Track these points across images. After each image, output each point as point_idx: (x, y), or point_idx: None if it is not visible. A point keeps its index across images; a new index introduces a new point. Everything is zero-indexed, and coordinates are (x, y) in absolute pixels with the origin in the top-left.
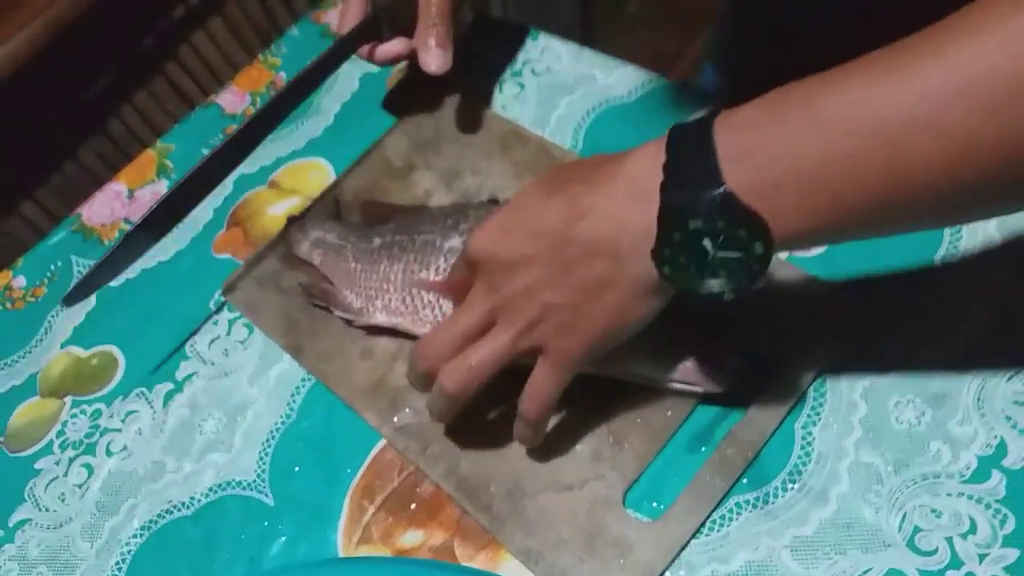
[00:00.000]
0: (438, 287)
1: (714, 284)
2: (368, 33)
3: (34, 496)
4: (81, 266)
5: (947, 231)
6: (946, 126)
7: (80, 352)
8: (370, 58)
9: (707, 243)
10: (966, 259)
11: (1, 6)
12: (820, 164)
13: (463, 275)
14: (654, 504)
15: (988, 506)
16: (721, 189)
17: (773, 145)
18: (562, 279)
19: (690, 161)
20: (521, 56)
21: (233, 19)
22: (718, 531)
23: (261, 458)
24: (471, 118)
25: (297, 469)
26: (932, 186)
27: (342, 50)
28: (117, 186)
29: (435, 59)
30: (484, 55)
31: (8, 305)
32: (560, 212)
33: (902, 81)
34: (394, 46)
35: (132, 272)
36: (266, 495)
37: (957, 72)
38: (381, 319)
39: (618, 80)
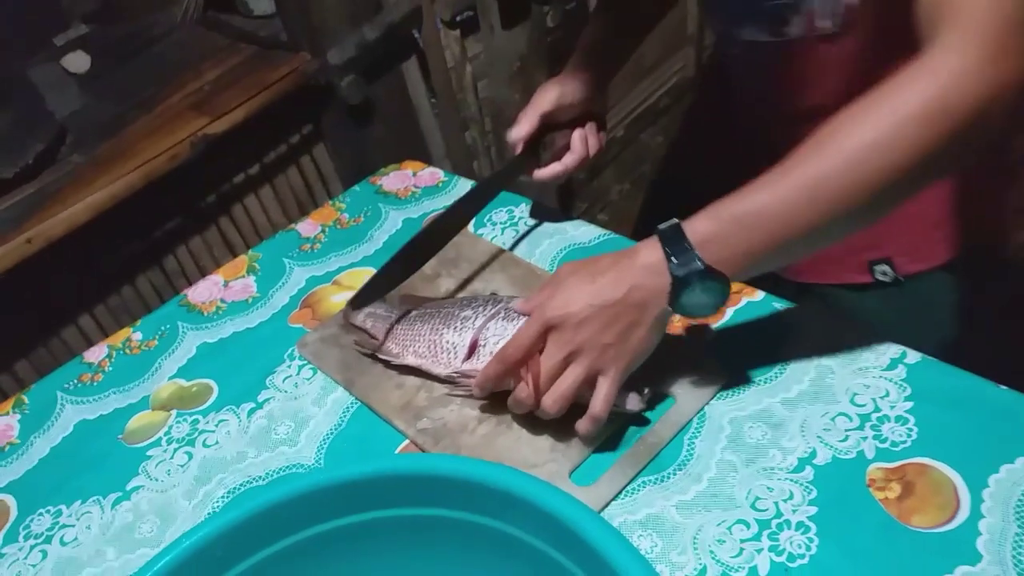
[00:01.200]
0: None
1: (702, 311)
2: (530, 158)
3: (146, 471)
4: (185, 329)
5: (790, 331)
6: (806, 208)
7: (183, 382)
8: (529, 175)
9: (698, 290)
10: (803, 346)
11: (113, 155)
12: (747, 243)
13: (532, 334)
14: (589, 481)
15: (801, 484)
16: (699, 264)
17: (720, 237)
18: (612, 327)
19: (679, 251)
20: (517, 213)
21: (280, 189)
22: (630, 497)
23: (319, 450)
24: (480, 248)
25: (345, 458)
26: (807, 241)
27: (514, 168)
28: (215, 277)
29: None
30: (493, 212)
31: (127, 351)
32: (609, 287)
33: (778, 189)
34: (553, 169)
35: (225, 333)
36: None
37: (804, 178)
38: (411, 360)
39: (581, 232)
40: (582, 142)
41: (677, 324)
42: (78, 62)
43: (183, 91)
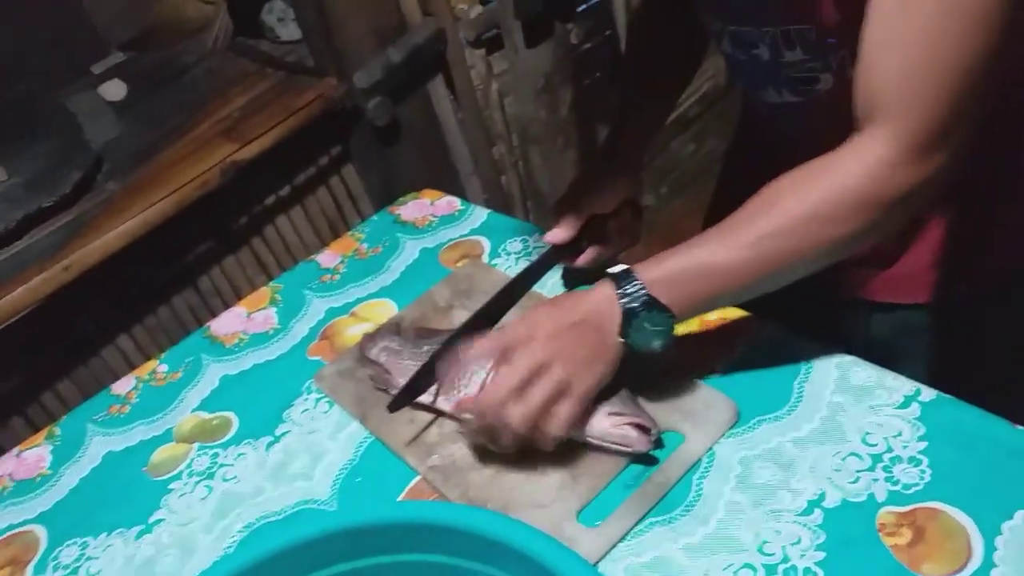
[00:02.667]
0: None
1: (649, 342)
2: (572, 246)
3: (168, 504)
4: (208, 361)
5: (802, 367)
6: (748, 264)
7: (205, 415)
8: (569, 262)
9: (646, 324)
10: (814, 383)
11: (146, 183)
12: (690, 290)
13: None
14: (596, 521)
15: (810, 528)
16: (646, 297)
17: (666, 282)
18: (579, 344)
19: (628, 286)
20: (531, 243)
21: (310, 209)
22: (636, 538)
23: (333, 485)
24: (493, 279)
25: (358, 493)
26: (747, 291)
27: (553, 257)
28: (239, 309)
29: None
30: (508, 242)
31: (153, 383)
32: (568, 310)
33: (723, 245)
34: (591, 254)
35: (246, 365)
36: (333, 508)
37: (748, 237)
38: (422, 398)
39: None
40: (619, 233)
41: (687, 358)
42: (114, 90)
43: (213, 118)
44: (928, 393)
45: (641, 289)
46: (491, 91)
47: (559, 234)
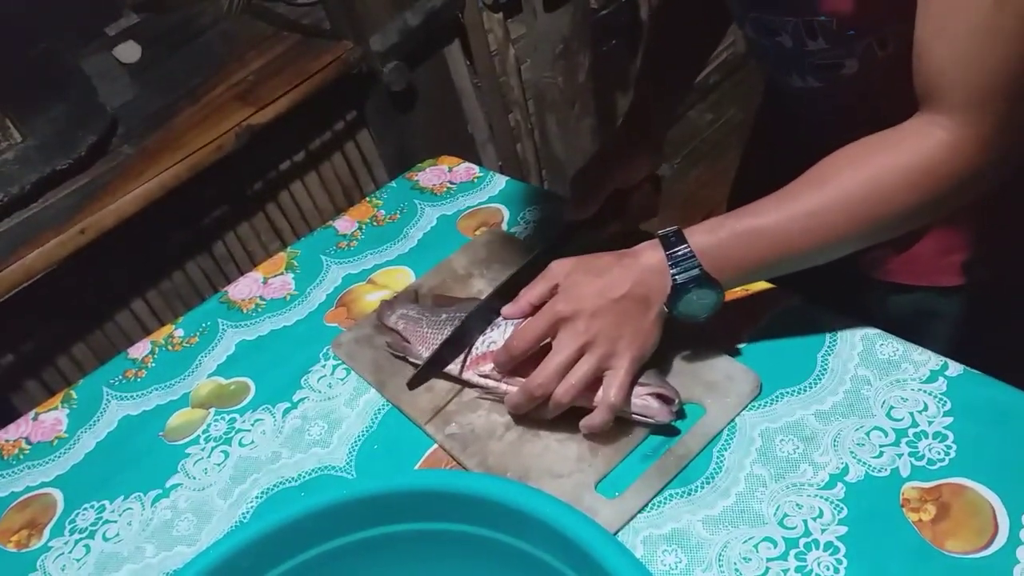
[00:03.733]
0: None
1: (696, 314)
2: (593, 221)
3: (185, 469)
4: (225, 326)
5: (826, 340)
6: (800, 235)
7: (222, 380)
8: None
9: (694, 296)
10: (839, 356)
11: (162, 147)
12: (741, 259)
13: (542, 326)
14: (615, 492)
15: (832, 502)
16: (697, 271)
17: (718, 248)
18: (623, 320)
19: (679, 257)
20: (549, 211)
21: (325, 175)
22: (656, 510)
23: (350, 453)
24: (513, 248)
25: (375, 461)
26: (796, 262)
27: (573, 233)
28: (255, 275)
29: None
30: (526, 211)
31: (169, 348)
32: (615, 282)
33: (778, 215)
34: (613, 228)
35: (263, 331)
36: (351, 475)
37: (803, 208)
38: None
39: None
40: (639, 208)
41: (710, 329)
42: (129, 52)
43: (228, 81)
44: (955, 368)
45: (693, 261)
46: (508, 56)
47: (581, 211)
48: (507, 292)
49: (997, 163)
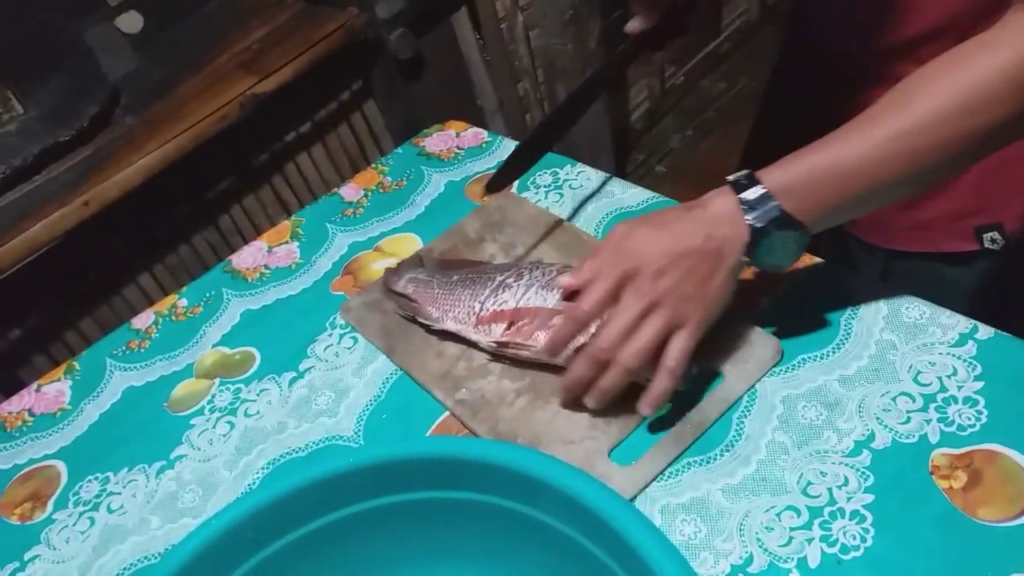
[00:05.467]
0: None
1: (779, 261)
2: (652, 39)
3: (190, 440)
4: (229, 296)
5: (849, 304)
6: (886, 164)
7: (226, 350)
8: (648, 56)
9: (776, 240)
10: (863, 320)
11: (165, 117)
12: (823, 196)
13: (608, 287)
14: (629, 460)
15: (857, 469)
16: (777, 212)
17: (798, 186)
18: (691, 277)
19: (755, 200)
20: (563, 175)
21: (331, 146)
22: (673, 479)
23: (358, 422)
24: (526, 212)
25: (383, 430)
26: (884, 195)
27: (632, 51)
28: (260, 243)
29: None
30: (537, 175)
31: (173, 318)
32: (683, 236)
33: (860, 142)
34: (669, 52)
35: (268, 300)
36: (359, 444)
37: (888, 131)
38: (451, 326)
39: (629, 196)
40: (698, 26)
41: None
42: (131, 22)
43: (232, 50)
44: (985, 331)
45: (771, 201)
46: (517, 24)
47: (638, 23)
48: (555, 123)
49: None
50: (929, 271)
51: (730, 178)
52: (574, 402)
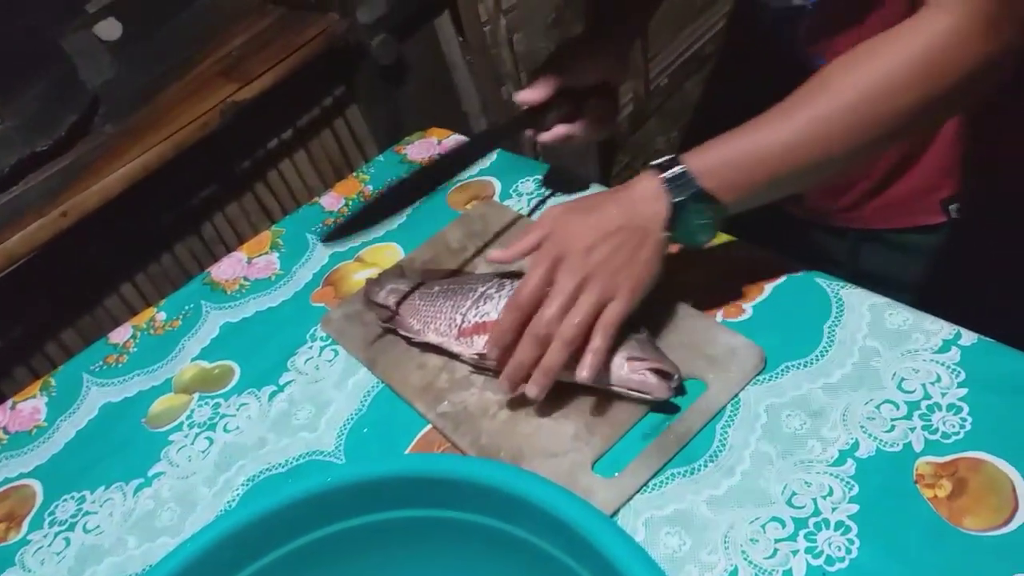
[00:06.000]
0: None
1: (699, 235)
2: (535, 118)
3: (168, 457)
4: (208, 308)
5: (832, 310)
6: (806, 147)
7: (205, 364)
8: (535, 136)
9: (693, 215)
10: (846, 327)
11: (145, 125)
12: (742, 175)
13: (542, 273)
14: (612, 472)
15: (842, 479)
16: (695, 187)
17: (718, 167)
18: (620, 251)
19: (675, 178)
20: (544, 185)
21: (314, 153)
22: (657, 490)
23: (339, 436)
24: (507, 218)
25: (364, 445)
26: (802, 178)
27: (522, 121)
28: (239, 254)
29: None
30: (520, 182)
31: (151, 332)
32: (608, 216)
33: (779, 127)
34: (561, 130)
35: (248, 312)
36: (339, 460)
37: (804, 117)
38: (432, 338)
39: None
40: (592, 115)
41: (711, 302)
42: (110, 29)
43: (212, 57)
44: (968, 337)
45: (688, 178)
46: (499, 27)
47: (530, 94)
48: (432, 173)
49: (1002, 49)
50: (898, 242)
51: (653, 162)
52: (513, 389)
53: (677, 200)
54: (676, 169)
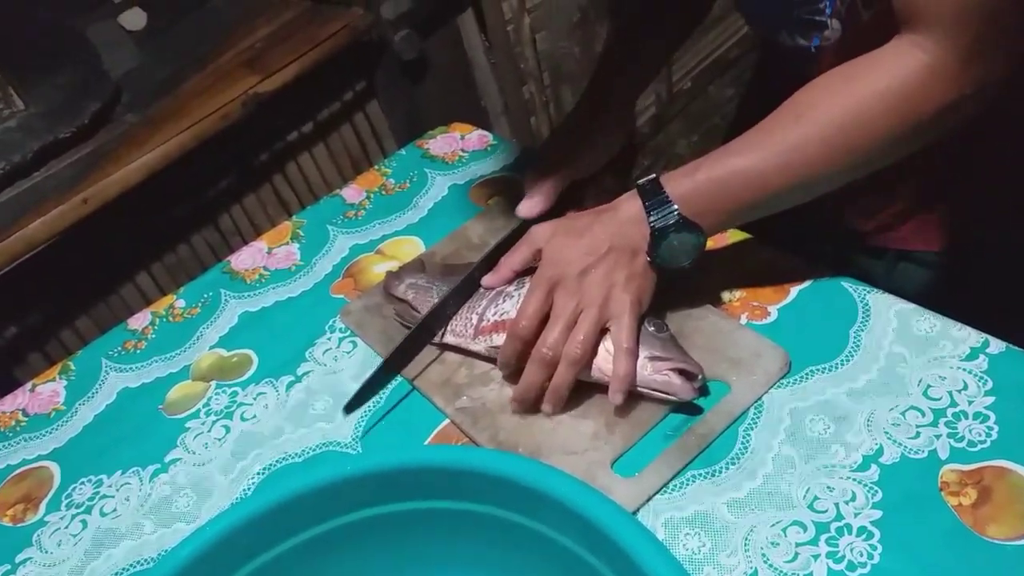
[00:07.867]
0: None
1: (678, 261)
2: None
3: (184, 443)
4: (228, 297)
5: (859, 315)
6: (780, 173)
7: (224, 352)
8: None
9: (674, 241)
10: (872, 332)
11: (166, 115)
12: (721, 202)
13: (540, 299)
14: (632, 472)
15: (865, 485)
16: (676, 216)
17: (696, 193)
18: (615, 270)
19: (657, 204)
20: None
21: (333, 146)
22: (677, 491)
23: (356, 428)
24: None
25: (381, 437)
26: (777, 202)
27: (526, 231)
28: (259, 244)
29: None
30: None
31: (170, 319)
32: (598, 239)
33: (753, 154)
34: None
35: (267, 302)
36: (356, 451)
37: (778, 145)
38: (449, 339)
39: None
40: (596, 200)
41: (736, 304)
42: (134, 19)
43: (235, 48)
44: (997, 345)
45: (670, 206)
46: (523, 26)
47: (533, 208)
48: (458, 295)
49: (975, 87)
50: (938, 263)
51: (639, 182)
52: (525, 409)
53: (658, 228)
54: (659, 195)
